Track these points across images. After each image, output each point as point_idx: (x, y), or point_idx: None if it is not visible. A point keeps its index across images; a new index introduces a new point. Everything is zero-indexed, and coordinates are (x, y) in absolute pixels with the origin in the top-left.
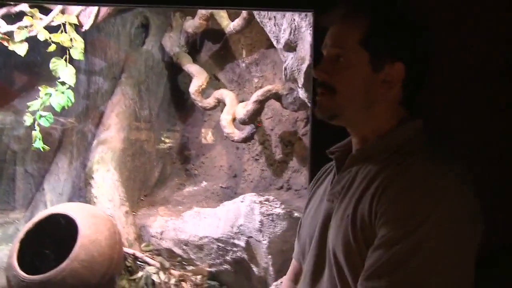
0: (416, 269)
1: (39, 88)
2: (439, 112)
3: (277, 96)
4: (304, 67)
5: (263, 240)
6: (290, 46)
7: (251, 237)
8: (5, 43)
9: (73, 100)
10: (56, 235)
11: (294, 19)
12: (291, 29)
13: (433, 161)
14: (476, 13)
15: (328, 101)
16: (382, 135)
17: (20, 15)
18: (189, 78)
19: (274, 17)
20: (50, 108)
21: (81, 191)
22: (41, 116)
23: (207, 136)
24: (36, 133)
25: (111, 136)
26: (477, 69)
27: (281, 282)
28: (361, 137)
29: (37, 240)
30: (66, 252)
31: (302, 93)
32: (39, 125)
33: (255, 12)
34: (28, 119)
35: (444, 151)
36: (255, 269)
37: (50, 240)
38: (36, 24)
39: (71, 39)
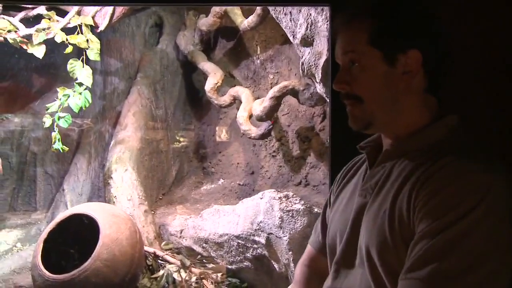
0: (455, 262)
1: (57, 89)
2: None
3: (294, 92)
4: (321, 62)
5: (284, 236)
6: (307, 41)
7: (271, 233)
8: (24, 46)
9: (90, 101)
10: (78, 235)
11: (310, 14)
12: (307, 24)
13: (472, 158)
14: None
15: (358, 111)
16: (417, 131)
17: (37, 18)
18: (204, 76)
19: (290, 12)
20: (68, 109)
21: (100, 191)
22: (60, 118)
23: (223, 134)
24: (55, 135)
25: (128, 135)
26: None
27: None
28: (395, 135)
29: (60, 240)
30: (88, 252)
31: (320, 88)
32: (58, 126)
33: (270, 8)
34: (47, 121)
35: (482, 148)
36: (276, 265)
37: (72, 240)
38: (53, 27)
39: (87, 40)
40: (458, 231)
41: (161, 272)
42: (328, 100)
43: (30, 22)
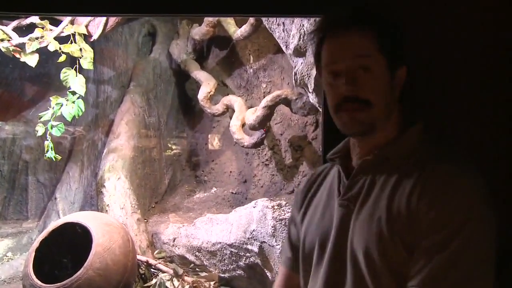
0: (466, 271)
1: (50, 98)
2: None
3: (287, 101)
4: (314, 72)
5: (277, 245)
6: (300, 52)
7: (264, 242)
8: (17, 55)
9: (83, 110)
10: (71, 244)
11: (303, 25)
12: (300, 34)
13: (454, 162)
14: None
15: (363, 116)
16: (393, 138)
17: (31, 27)
18: (197, 85)
19: (283, 23)
20: (61, 118)
21: (92, 199)
22: (52, 126)
23: (216, 142)
24: (48, 143)
25: (121, 144)
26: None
27: None
28: (376, 142)
29: (52, 249)
30: (81, 261)
31: (312, 98)
32: (51, 135)
33: (263, 19)
34: (40, 129)
35: (453, 151)
36: (268, 274)
37: (64, 249)
38: (46, 36)
39: (80, 49)
40: (465, 239)
41: (153, 281)
42: (320, 110)
43: (23, 31)
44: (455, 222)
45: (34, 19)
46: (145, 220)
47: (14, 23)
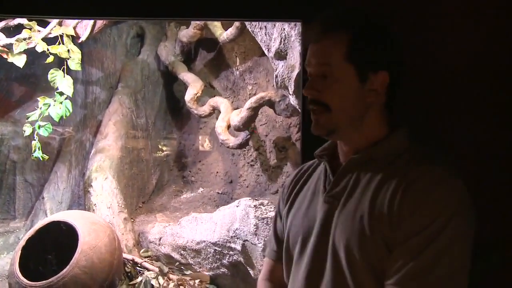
0: (443, 272)
1: (38, 99)
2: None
3: (270, 103)
4: (294, 74)
5: (259, 243)
6: (281, 55)
7: (247, 240)
8: (4, 56)
9: (71, 110)
10: (57, 242)
11: (284, 29)
12: (281, 38)
13: (437, 165)
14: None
15: (323, 119)
16: (378, 141)
17: (18, 28)
18: (184, 86)
19: (265, 27)
20: (49, 118)
21: (80, 199)
22: (40, 126)
23: (204, 143)
24: (35, 143)
25: (109, 144)
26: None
27: None
28: (355, 145)
29: (38, 247)
30: (66, 259)
31: (293, 100)
32: (38, 135)
33: (246, 22)
34: (27, 129)
35: (438, 154)
36: (251, 271)
37: (51, 247)
38: (34, 36)
39: (68, 50)
40: (443, 242)
41: (139, 279)
42: (300, 112)
43: (11, 31)
44: (434, 225)
45: (22, 20)
46: (132, 220)
47: (1, 24)
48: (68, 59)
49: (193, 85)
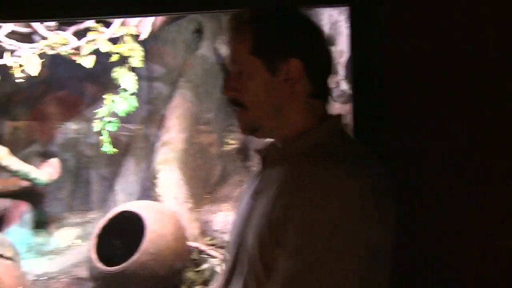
0: (319, 278)
1: (103, 96)
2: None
3: None
4: (343, 60)
5: None
6: (330, 41)
7: None
8: (74, 57)
9: (136, 106)
10: (125, 231)
11: (332, 14)
12: (330, 23)
13: (345, 162)
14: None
15: (244, 118)
16: (300, 134)
17: (85, 31)
18: None
19: (314, 13)
20: (117, 114)
21: (148, 190)
22: (108, 122)
23: None
24: (103, 138)
25: (173, 137)
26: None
27: None
28: (283, 139)
29: (111, 235)
30: (134, 247)
31: (344, 86)
32: (106, 130)
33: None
34: (97, 126)
35: (361, 150)
36: None
37: (119, 235)
38: (99, 38)
39: (131, 49)
40: (322, 247)
41: (204, 266)
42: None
43: (79, 35)
44: (321, 228)
45: (90, 23)
46: (197, 210)
47: (73, 28)
48: (130, 57)
49: None
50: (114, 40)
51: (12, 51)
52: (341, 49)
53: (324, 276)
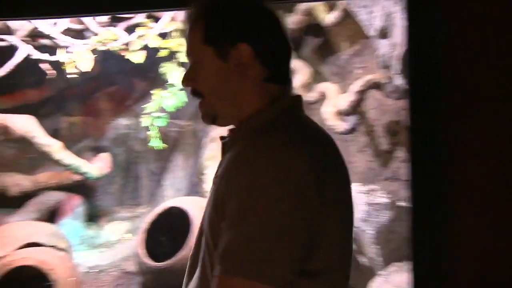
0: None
1: (151, 92)
2: None
3: (378, 86)
4: (397, 53)
5: (368, 230)
6: (383, 33)
7: (356, 227)
8: (123, 53)
9: (185, 101)
10: (171, 226)
11: (386, 6)
12: (383, 16)
13: (284, 133)
14: None
15: (203, 107)
16: (253, 115)
17: (134, 27)
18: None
19: (367, 5)
20: (165, 110)
21: (196, 186)
22: (156, 117)
23: None
24: (151, 133)
25: (220, 133)
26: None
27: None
28: (239, 123)
29: (159, 230)
30: (179, 242)
31: (399, 80)
32: (155, 125)
33: (346, 2)
34: (145, 121)
35: (306, 126)
36: (361, 258)
37: (165, 231)
38: (148, 33)
39: (179, 44)
40: (252, 225)
41: None
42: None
43: (129, 30)
44: (254, 195)
45: (139, 19)
46: None
47: (123, 25)
48: (179, 52)
49: (302, 72)
50: (163, 35)
51: (66, 47)
52: (395, 41)
53: (257, 244)
